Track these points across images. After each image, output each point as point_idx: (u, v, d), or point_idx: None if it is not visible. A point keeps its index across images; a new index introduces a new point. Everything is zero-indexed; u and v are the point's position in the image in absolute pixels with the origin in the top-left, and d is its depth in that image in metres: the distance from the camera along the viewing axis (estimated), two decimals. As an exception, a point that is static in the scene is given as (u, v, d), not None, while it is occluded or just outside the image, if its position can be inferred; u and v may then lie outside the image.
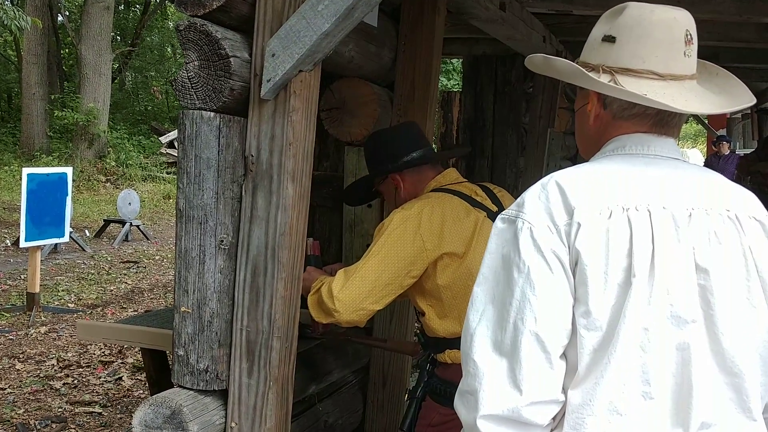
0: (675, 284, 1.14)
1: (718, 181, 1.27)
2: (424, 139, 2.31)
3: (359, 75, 2.77)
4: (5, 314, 6.55)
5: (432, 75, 2.83)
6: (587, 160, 1.32)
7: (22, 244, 6.59)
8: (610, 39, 1.26)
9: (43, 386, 4.83)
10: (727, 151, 11.08)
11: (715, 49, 5.05)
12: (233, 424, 2.03)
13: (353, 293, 1.94)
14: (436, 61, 2.85)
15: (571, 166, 1.28)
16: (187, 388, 2.02)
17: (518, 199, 1.20)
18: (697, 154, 18.05)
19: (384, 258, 1.94)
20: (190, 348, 2.01)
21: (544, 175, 1.25)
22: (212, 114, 1.91)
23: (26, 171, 6.66)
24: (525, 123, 5.03)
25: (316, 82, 2.00)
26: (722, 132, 12.92)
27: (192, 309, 1.99)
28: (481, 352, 1.13)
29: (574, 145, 4.32)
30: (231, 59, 1.87)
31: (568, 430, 1.13)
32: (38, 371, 5.12)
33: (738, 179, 10.20)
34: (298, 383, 2.42)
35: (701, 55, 1.30)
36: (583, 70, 1.27)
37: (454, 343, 2.01)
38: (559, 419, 1.15)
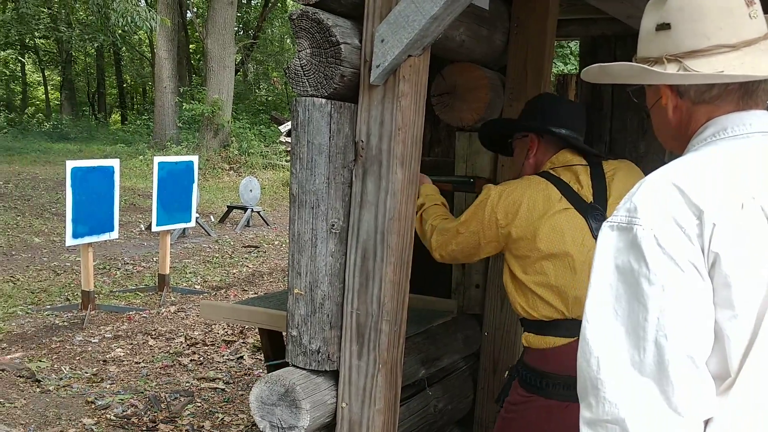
0: None
1: None
2: (581, 125, 2.28)
3: (470, 59, 2.74)
4: (140, 294, 7.03)
5: (545, 57, 2.75)
6: (679, 153, 1.23)
7: (154, 228, 7.03)
8: (664, 27, 1.19)
9: (173, 362, 5.15)
10: None
11: None
12: (344, 405, 2.08)
13: (444, 249, 2.27)
14: (549, 42, 2.77)
15: None
16: (300, 368, 2.09)
17: (626, 204, 1.10)
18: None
19: (465, 228, 2.18)
20: (303, 329, 2.07)
21: (668, 159, 1.17)
22: (324, 100, 1.95)
23: (157, 159, 7.07)
24: (646, 105, 4.79)
25: (425, 67, 2.00)
26: None
27: (305, 291, 2.05)
28: (616, 376, 1.04)
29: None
30: (341, 46, 1.89)
31: None
32: (168, 348, 5.46)
33: None
34: (408, 367, 2.44)
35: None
36: (645, 66, 1.20)
37: (528, 324, 2.12)
38: None
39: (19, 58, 29.89)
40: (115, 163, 6.45)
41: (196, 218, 8.63)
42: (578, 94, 4.88)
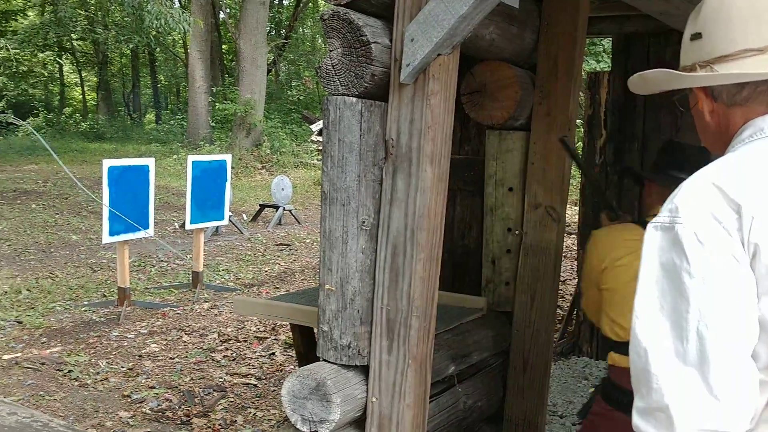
0: None
1: None
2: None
3: (501, 57, 2.75)
4: (174, 291, 7.14)
5: (576, 55, 2.75)
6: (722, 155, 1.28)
7: (188, 226, 7.13)
8: (697, 36, 1.28)
9: (206, 358, 5.23)
10: None
11: None
12: (374, 399, 2.11)
13: (587, 312, 2.51)
14: (580, 40, 2.77)
15: None
16: (331, 363, 2.12)
17: (668, 205, 1.16)
18: None
19: (585, 283, 2.44)
20: (333, 324, 2.10)
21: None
22: (354, 99, 1.98)
23: (191, 159, 7.17)
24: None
25: (455, 66, 2.02)
26: None
27: (336, 287, 2.09)
28: (663, 366, 1.09)
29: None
30: (372, 45, 1.92)
31: None
32: (202, 344, 5.55)
33: None
34: (437, 363, 2.46)
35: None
36: (673, 71, 1.29)
37: (613, 344, 2.23)
38: (755, 420, 1.11)
39: (57, 59, 30.53)
40: (150, 162, 6.56)
41: (229, 216, 8.73)
42: (610, 92, 4.84)
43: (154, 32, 21.98)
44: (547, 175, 2.84)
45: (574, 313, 5.25)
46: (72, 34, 27.19)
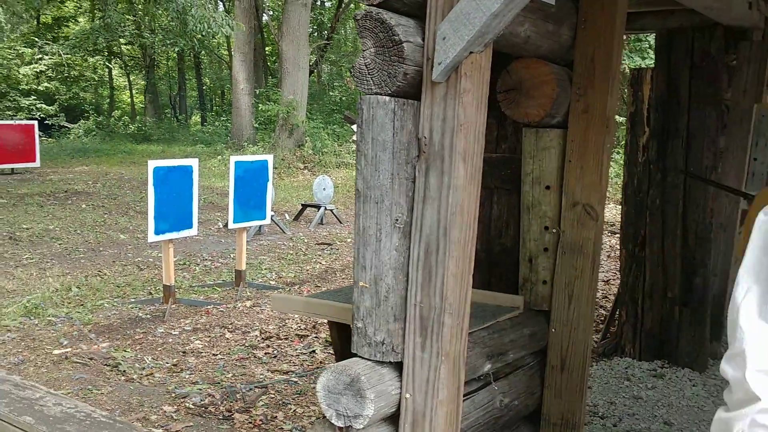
0: None
1: None
2: None
3: (537, 55, 2.73)
4: (217, 289, 7.27)
5: (614, 51, 2.72)
6: None
7: (231, 225, 7.25)
8: None
9: (248, 354, 5.31)
10: None
11: None
12: (407, 395, 2.13)
13: None
14: (618, 36, 2.74)
15: None
16: (365, 359, 2.15)
17: None
18: None
19: None
20: (367, 321, 2.13)
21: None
22: (387, 98, 2.00)
23: (233, 159, 7.29)
24: (726, 99, 4.63)
25: (487, 64, 2.02)
26: None
27: (369, 284, 2.11)
28: (748, 320, 1.31)
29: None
30: (404, 44, 1.94)
31: None
32: (244, 341, 5.64)
33: None
34: (473, 361, 2.46)
35: None
36: None
37: None
38: None
39: (107, 64, 31.32)
40: (194, 162, 6.68)
41: (272, 216, 8.84)
42: (653, 89, 4.76)
43: (198, 36, 22.36)
44: (585, 172, 2.82)
45: (617, 313, 5.17)
46: (120, 39, 27.86)
